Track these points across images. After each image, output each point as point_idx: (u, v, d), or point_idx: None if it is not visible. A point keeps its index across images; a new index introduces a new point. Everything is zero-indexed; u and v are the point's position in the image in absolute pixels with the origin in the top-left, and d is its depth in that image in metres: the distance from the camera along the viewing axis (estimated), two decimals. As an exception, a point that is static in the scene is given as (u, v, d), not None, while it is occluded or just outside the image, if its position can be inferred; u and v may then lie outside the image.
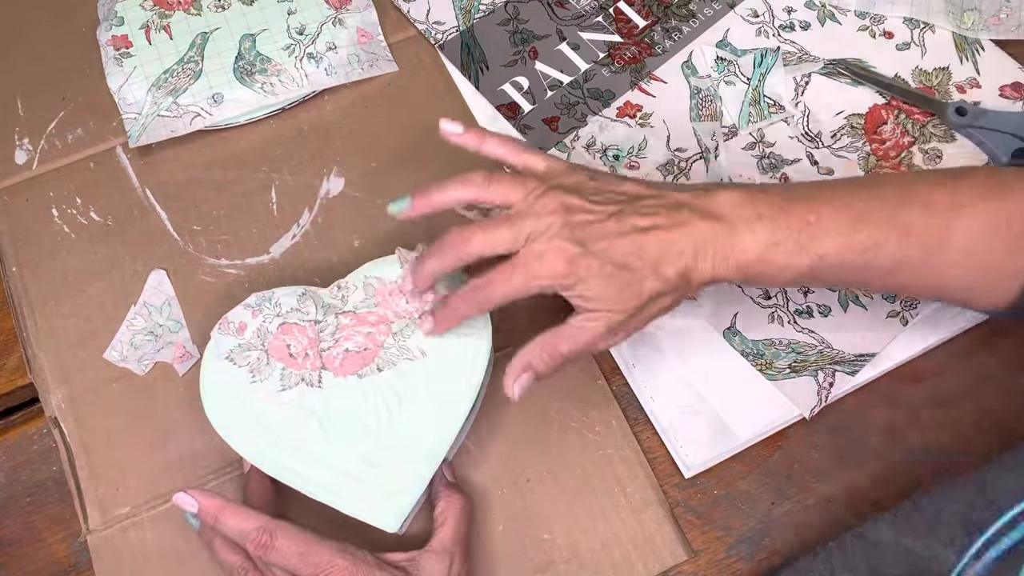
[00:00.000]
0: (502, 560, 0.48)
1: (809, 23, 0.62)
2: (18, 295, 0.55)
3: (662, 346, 0.52)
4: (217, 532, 0.44)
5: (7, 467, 0.51)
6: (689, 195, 0.44)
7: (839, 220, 0.42)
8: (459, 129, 0.48)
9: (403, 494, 0.45)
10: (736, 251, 0.42)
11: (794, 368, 0.51)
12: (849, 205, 0.43)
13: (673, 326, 0.53)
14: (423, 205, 0.46)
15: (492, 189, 0.44)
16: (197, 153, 0.59)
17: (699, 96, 0.60)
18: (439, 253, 0.44)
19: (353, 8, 0.63)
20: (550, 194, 0.43)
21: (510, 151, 0.47)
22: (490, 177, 0.45)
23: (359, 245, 0.56)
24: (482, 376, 0.47)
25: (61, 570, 0.49)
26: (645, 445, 0.51)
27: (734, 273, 0.43)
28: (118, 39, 0.61)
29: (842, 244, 0.42)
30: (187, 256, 0.56)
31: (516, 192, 0.44)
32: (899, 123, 0.59)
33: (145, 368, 0.53)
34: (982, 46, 0.61)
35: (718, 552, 0.49)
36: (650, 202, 0.43)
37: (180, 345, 0.53)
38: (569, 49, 0.62)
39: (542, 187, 0.44)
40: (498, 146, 0.47)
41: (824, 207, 0.43)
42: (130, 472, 0.50)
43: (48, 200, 0.58)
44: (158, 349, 0.53)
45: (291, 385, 0.47)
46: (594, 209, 0.43)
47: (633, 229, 0.42)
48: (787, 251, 0.42)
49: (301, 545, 0.42)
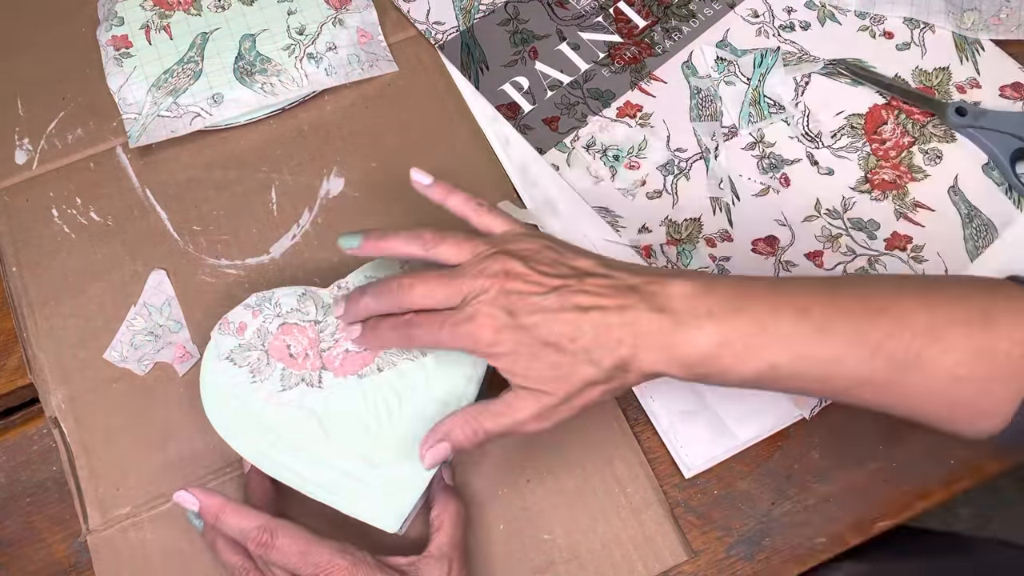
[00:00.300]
0: (502, 560, 0.48)
1: (809, 23, 0.62)
2: (18, 295, 0.55)
3: (662, 346, 0.52)
4: (219, 532, 0.44)
5: (7, 467, 0.51)
6: (643, 279, 0.41)
7: (797, 328, 0.39)
8: (427, 180, 0.48)
9: (403, 494, 0.45)
10: (681, 347, 0.40)
11: (794, 368, 0.51)
12: (808, 311, 0.39)
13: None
14: (371, 248, 0.46)
15: (435, 251, 0.44)
16: (197, 153, 0.59)
17: (699, 96, 0.60)
18: (378, 295, 0.44)
19: (353, 8, 0.63)
20: (495, 258, 0.42)
21: (472, 211, 0.46)
22: (437, 238, 0.44)
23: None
24: (482, 376, 0.47)
25: (61, 570, 0.49)
26: (645, 445, 0.51)
27: (677, 370, 0.40)
28: (118, 39, 0.61)
29: (797, 355, 0.39)
30: (187, 256, 0.56)
31: (462, 254, 0.43)
32: (899, 123, 0.59)
33: (145, 368, 0.53)
34: (982, 46, 0.61)
35: (718, 552, 0.49)
36: (599, 281, 0.41)
37: (180, 345, 0.53)
38: (569, 49, 0.62)
39: (490, 250, 0.43)
40: (462, 204, 0.47)
41: (783, 310, 0.40)
42: (130, 472, 0.50)
43: (48, 200, 0.57)
44: (158, 349, 0.53)
45: (291, 385, 0.47)
46: (536, 280, 0.41)
47: (573, 308, 0.40)
48: (735, 355, 0.39)
49: (302, 544, 0.42)
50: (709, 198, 0.57)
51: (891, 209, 0.56)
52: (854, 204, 0.56)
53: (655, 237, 0.56)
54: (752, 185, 0.57)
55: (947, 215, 0.56)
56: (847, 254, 0.55)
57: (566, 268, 0.42)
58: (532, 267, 0.41)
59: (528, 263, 0.42)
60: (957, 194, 0.56)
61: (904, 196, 0.56)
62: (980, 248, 0.55)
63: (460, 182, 0.57)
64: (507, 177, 0.58)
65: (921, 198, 0.56)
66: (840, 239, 0.55)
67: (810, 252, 0.55)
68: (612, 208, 0.57)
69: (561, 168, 0.58)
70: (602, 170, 0.58)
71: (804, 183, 0.57)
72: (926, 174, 0.57)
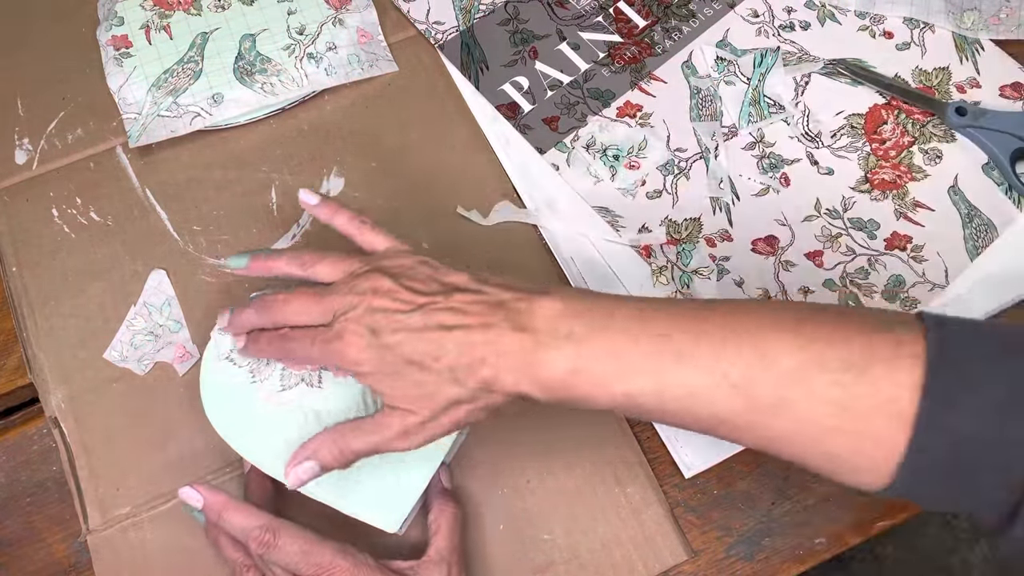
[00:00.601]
0: (502, 560, 0.48)
1: (809, 23, 0.62)
2: (18, 295, 0.55)
3: (662, 346, 0.52)
4: (221, 529, 0.44)
5: (7, 467, 0.51)
6: (513, 296, 0.40)
7: (653, 356, 0.37)
8: (314, 200, 0.47)
9: (403, 495, 0.45)
10: (540, 369, 0.38)
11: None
12: (669, 337, 0.37)
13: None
14: (258, 269, 0.46)
15: (313, 270, 0.45)
16: (197, 153, 0.59)
17: (699, 96, 0.60)
18: (259, 310, 0.44)
19: (353, 8, 0.63)
20: (367, 275, 0.42)
21: (356, 229, 0.46)
22: (316, 257, 0.45)
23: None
24: (482, 376, 0.47)
25: (61, 570, 0.49)
26: (645, 445, 0.51)
27: (539, 392, 0.39)
28: (118, 39, 0.61)
29: (650, 384, 0.37)
30: (187, 256, 0.56)
31: (336, 272, 0.44)
32: (899, 123, 0.59)
33: (145, 368, 0.53)
34: (982, 46, 0.61)
35: (718, 552, 0.49)
36: (467, 297, 0.40)
37: (180, 345, 0.53)
38: (569, 49, 0.62)
39: (363, 268, 0.43)
40: (347, 223, 0.47)
41: (643, 336, 0.37)
42: (130, 472, 0.50)
43: (48, 200, 0.57)
44: (158, 349, 0.53)
45: (291, 385, 0.47)
46: (404, 297, 0.40)
47: (437, 326, 0.39)
48: (591, 382, 0.38)
49: (303, 544, 0.42)
50: (709, 198, 0.57)
51: (891, 209, 0.56)
52: (854, 204, 0.56)
53: (655, 237, 0.56)
54: (752, 185, 0.57)
55: (947, 215, 0.56)
56: (847, 254, 0.55)
57: (437, 284, 0.41)
58: (402, 283, 0.41)
59: (398, 280, 0.41)
60: (957, 194, 0.56)
61: (904, 196, 0.56)
62: (980, 248, 0.55)
63: (460, 182, 0.58)
64: (507, 177, 0.58)
65: (921, 198, 0.56)
66: (840, 239, 0.55)
67: (810, 252, 0.55)
68: (612, 208, 0.57)
69: (561, 168, 0.58)
70: (602, 170, 0.58)
71: (804, 183, 0.57)
72: (926, 174, 0.57)
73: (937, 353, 0.35)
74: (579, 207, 0.57)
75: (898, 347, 0.35)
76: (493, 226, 0.57)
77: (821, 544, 0.49)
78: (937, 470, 0.35)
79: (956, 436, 0.34)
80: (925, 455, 0.34)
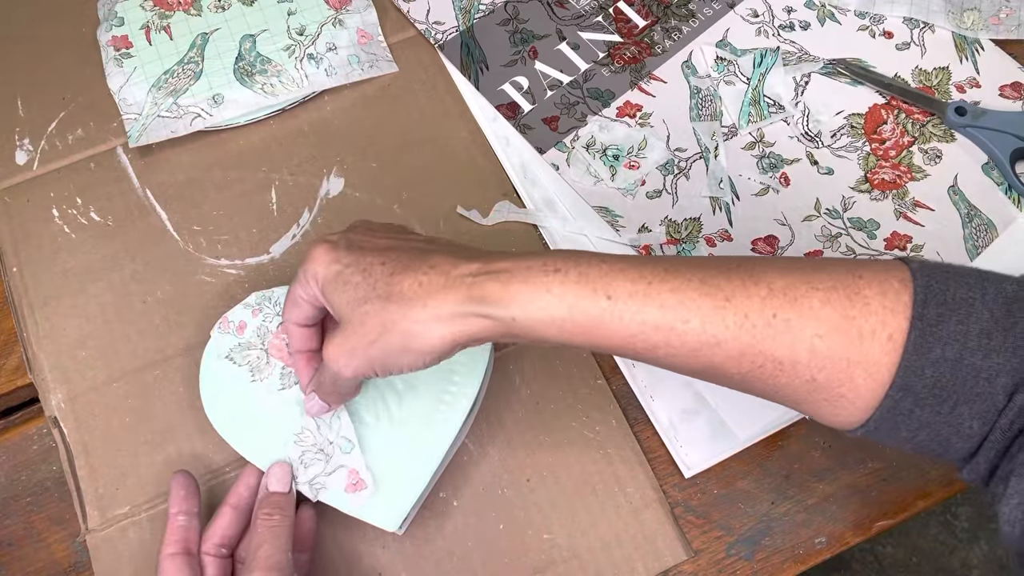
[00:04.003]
0: (502, 560, 0.48)
1: (809, 23, 0.63)
2: (18, 295, 0.55)
3: (662, 346, 0.52)
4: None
5: (7, 467, 0.51)
6: (478, 263, 0.38)
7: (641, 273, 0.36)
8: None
9: (403, 494, 0.45)
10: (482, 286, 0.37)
11: (794, 368, 0.51)
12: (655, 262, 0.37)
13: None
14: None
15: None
16: (197, 153, 0.59)
17: (699, 96, 0.60)
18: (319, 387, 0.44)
19: (353, 8, 0.63)
20: (332, 239, 0.41)
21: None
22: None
23: (359, 245, 0.56)
24: (482, 376, 0.47)
25: (61, 570, 0.49)
26: (645, 445, 0.51)
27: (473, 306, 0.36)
28: (118, 39, 0.61)
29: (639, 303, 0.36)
30: (187, 256, 0.56)
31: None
32: (899, 123, 0.59)
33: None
34: (982, 46, 0.61)
35: (718, 552, 0.49)
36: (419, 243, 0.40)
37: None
38: (569, 49, 0.62)
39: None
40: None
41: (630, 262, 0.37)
42: (130, 472, 0.50)
43: (48, 200, 0.58)
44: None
45: (291, 384, 0.47)
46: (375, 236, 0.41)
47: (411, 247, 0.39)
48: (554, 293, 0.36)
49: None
50: (709, 198, 0.57)
51: (891, 208, 0.56)
52: (854, 203, 0.56)
53: (655, 237, 0.56)
54: (752, 184, 0.57)
55: (947, 214, 0.56)
56: (847, 253, 0.55)
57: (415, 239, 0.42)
58: (372, 234, 0.41)
59: (367, 234, 0.42)
60: (957, 193, 0.56)
61: (904, 195, 0.56)
62: (980, 248, 0.55)
63: (460, 182, 0.58)
64: (507, 177, 0.58)
65: (921, 197, 0.56)
66: (840, 238, 0.55)
67: (810, 252, 0.55)
68: (612, 208, 0.57)
69: (561, 168, 0.58)
70: (602, 170, 0.58)
71: (804, 183, 0.57)
72: (926, 174, 0.57)
73: (924, 282, 0.35)
74: (579, 207, 0.57)
75: (886, 272, 0.35)
76: (493, 226, 0.57)
77: (821, 544, 0.49)
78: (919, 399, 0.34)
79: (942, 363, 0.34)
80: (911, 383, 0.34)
